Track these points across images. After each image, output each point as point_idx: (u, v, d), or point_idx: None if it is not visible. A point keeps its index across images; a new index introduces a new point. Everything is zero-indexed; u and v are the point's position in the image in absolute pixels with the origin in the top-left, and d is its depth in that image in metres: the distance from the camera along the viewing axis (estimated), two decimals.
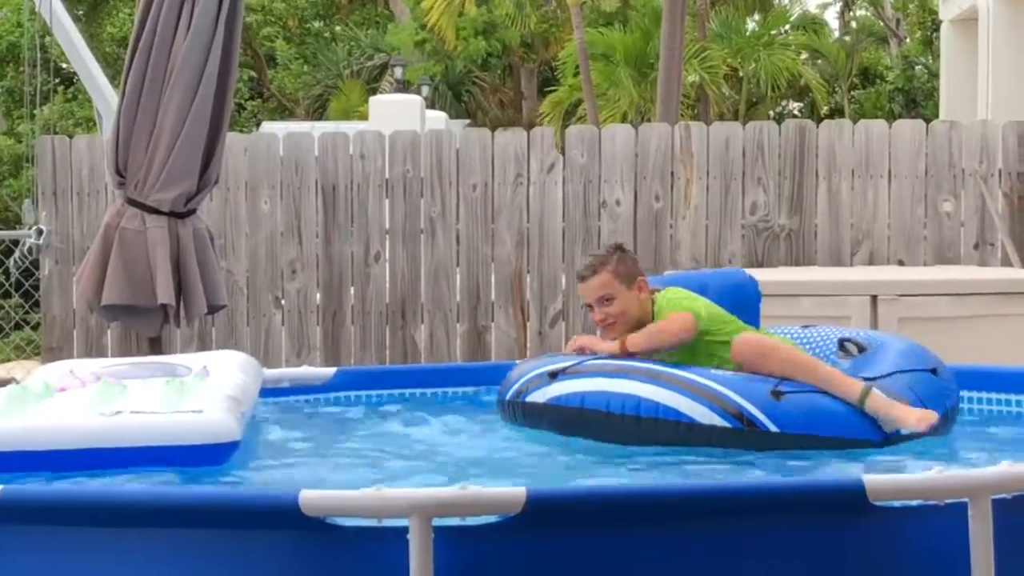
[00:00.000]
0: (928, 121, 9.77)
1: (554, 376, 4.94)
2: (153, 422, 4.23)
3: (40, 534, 3.44)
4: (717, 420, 4.68)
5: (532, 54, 33.44)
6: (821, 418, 4.73)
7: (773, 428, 4.67)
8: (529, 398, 4.97)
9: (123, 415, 4.28)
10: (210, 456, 4.20)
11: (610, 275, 5.25)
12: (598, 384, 4.86)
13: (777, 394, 4.72)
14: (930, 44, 32.66)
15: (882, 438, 4.72)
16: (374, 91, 30.61)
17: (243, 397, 4.85)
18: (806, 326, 5.81)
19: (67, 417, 4.32)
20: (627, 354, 5.05)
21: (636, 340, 5.08)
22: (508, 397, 5.12)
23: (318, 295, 9.17)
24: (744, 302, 5.72)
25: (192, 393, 4.53)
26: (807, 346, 5.55)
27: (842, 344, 5.49)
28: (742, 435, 4.66)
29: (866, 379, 4.93)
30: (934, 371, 5.18)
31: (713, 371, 4.86)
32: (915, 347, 5.39)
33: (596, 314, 5.26)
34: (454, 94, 33.60)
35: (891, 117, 20.64)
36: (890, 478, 3.38)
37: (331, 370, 6.25)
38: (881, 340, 5.52)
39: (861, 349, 5.41)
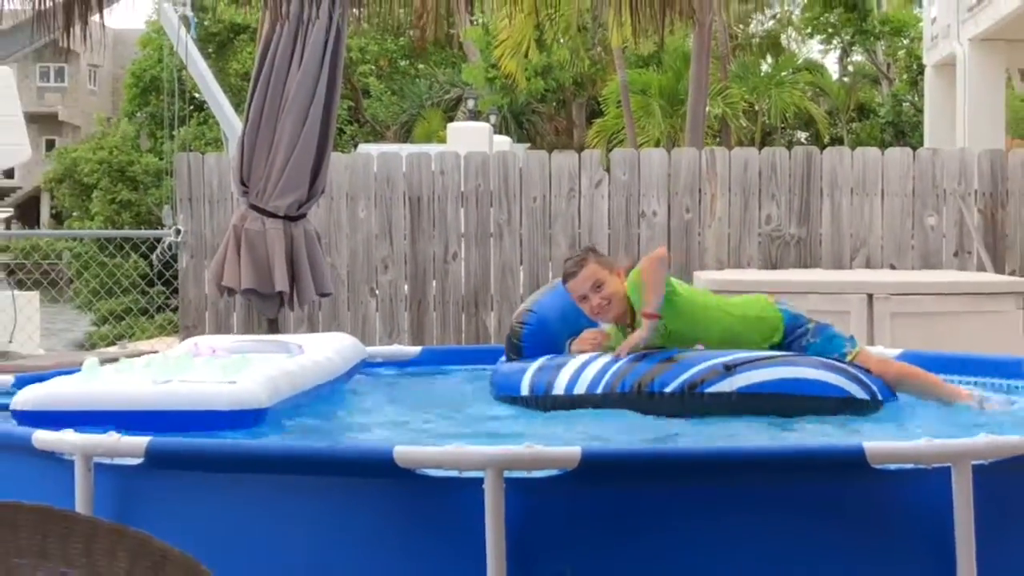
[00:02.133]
0: (915, 149, 9.68)
1: (731, 369, 4.60)
2: (186, 389, 4.13)
3: (177, 478, 3.46)
4: (865, 395, 4.67)
5: (582, 90, 33.43)
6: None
7: (884, 397, 4.76)
8: (712, 389, 4.57)
9: (170, 383, 4.18)
10: (237, 420, 4.07)
11: (595, 264, 5.02)
12: (788, 372, 4.64)
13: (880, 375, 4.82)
14: (915, 84, 32.39)
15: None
16: (451, 119, 30.68)
17: (307, 373, 4.76)
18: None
19: (123, 384, 4.25)
20: (654, 317, 4.77)
21: (647, 301, 4.80)
22: (669, 389, 4.63)
23: (406, 287, 9.20)
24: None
25: (248, 367, 4.44)
26: None
27: None
28: (875, 405, 4.69)
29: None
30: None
31: (836, 359, 4.84)
32: None
33: (591, 302, 4.98)
34: (517, 122, 33.65)
35: (883, 146, 20.50)
36: (887, 444, 3.33)
37: (417, 349, 6.26)
38: None
39: None
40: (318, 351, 5.13)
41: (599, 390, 4.76)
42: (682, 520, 3.26)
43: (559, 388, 4.89)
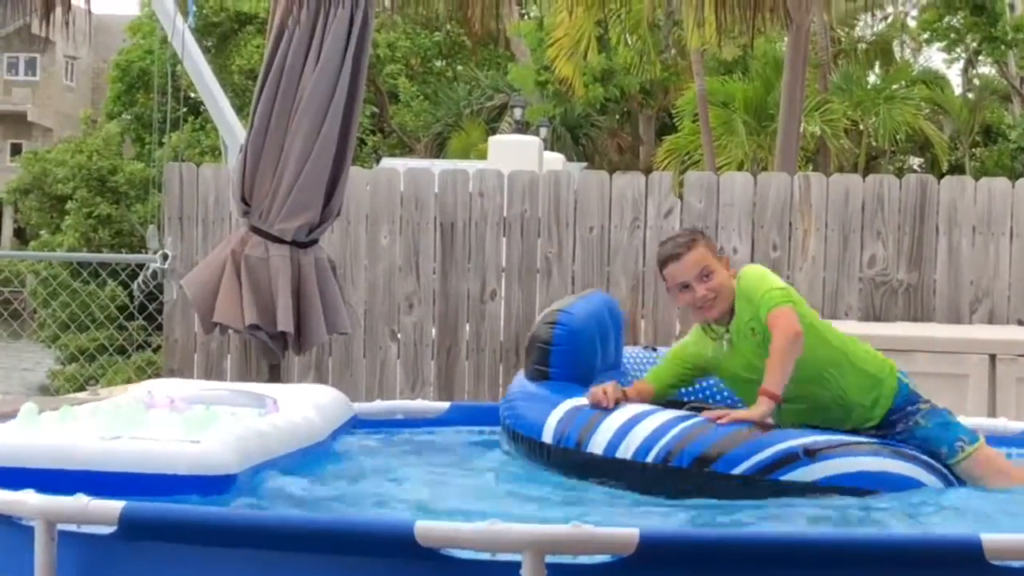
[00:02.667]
0: None
1: (812, 455, 4.64)
2: (140, 448, 4.14)
3: (156, 551, 3.47)
4: (941, 484, 4.77)
5: (651, 100, 33.45)
6: None
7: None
8: (788, 477, 4.61)
9: (120, 440, 4.19)
10: (199, 487, 4.07)
11: (705, 248, 4.96)
12: (865, 464, 4.70)
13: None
14: None
15: None
16: (493, 131, 30.78)
17: (282, 436, 4.78)
18: (652, 347, 5.91)
19: (63, 438, 4.24)
20: (776, 400, 4.76)
21: (772, 379, 4.77)
22: (737, 471, 4.63)
23: (433, 330, 9.21)
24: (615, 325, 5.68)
25: (215, 424, 4.46)
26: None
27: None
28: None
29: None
30: None
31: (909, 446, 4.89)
32: None
33: (696, 293, 4.91)
34: (572, 137, 33.73)
35: (1013, 176, 20.40)
36: (1009, 537, 3.31)
37: (445, 404, 6.26)
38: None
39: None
40: (295, 410, 5.11)
41: (649, 458, 4.70)
42: None
43: (597, 445, 4.83)
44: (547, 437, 4.91)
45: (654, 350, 6.02)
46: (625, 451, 4.73)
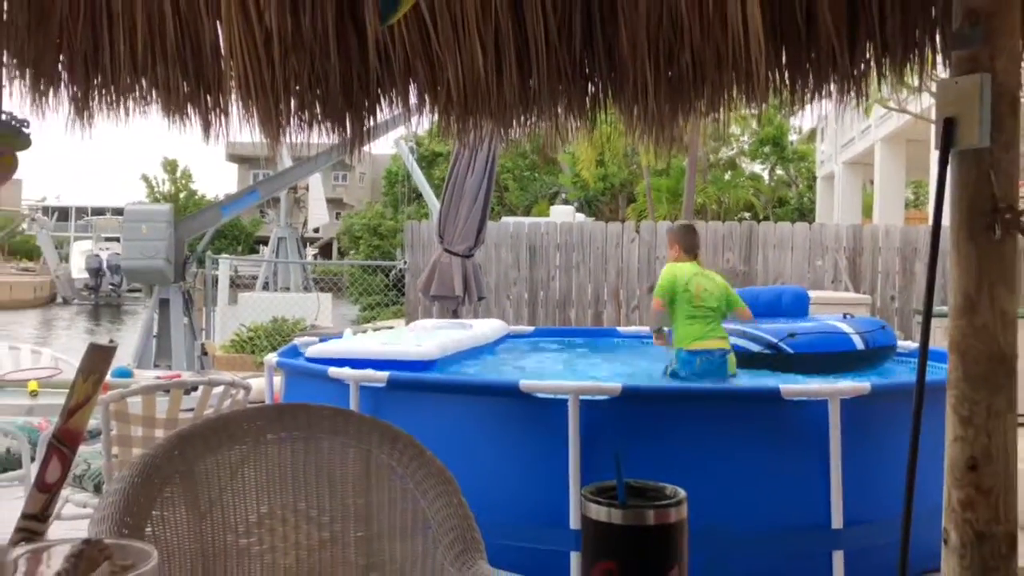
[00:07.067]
0: (811, 223, 9.34)
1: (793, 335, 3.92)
2: (395, 348, 4.02)
3: (403, 396, 3.47)
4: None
5: (624, 188, 32.98)
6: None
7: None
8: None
9: (386, 344, 4.09)
10: (419, 365, 3.91)
11: (669, 237, 4.34)
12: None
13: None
14: (811, 187, 31.44)
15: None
16: (552, 203, 30.50)
17: (470, 340, 4.56)
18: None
19: (363, 344, 4.17)
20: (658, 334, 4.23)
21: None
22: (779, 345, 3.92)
23: (526, 294, 9.14)
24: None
25: (433, 337, 4.33)
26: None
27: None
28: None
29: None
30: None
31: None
32: None
33: None
34: (588, 206, 33.36)
35: (793, 221, 19.88)
36: (793, 386, 3.23)
37: (530, 328, 6.21)
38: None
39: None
40: (479, 329, 5.07)
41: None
42: (673, 427, 3.19)
43: None
44: None
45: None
46: None
